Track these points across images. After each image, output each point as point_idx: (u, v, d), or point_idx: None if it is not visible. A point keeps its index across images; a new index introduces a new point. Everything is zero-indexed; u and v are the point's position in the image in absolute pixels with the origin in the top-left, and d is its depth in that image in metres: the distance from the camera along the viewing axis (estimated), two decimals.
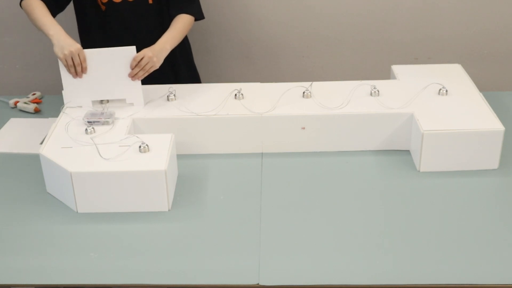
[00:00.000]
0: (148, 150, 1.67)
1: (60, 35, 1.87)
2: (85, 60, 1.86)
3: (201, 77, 2.48)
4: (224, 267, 1.46)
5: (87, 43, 2.23)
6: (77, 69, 1.86)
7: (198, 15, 2.16)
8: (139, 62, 1.88)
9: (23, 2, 2.01)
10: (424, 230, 1.56)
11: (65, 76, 1.88)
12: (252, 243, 1.53)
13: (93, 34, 2.18)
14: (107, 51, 1.86)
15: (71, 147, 1.70)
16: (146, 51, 1.90)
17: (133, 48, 1.85)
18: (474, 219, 1.59)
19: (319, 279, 1.42)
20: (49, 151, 1.69)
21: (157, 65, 1.92)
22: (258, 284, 1.42)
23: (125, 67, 1.87)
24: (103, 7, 2.11)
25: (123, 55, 1.86)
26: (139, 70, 1.89)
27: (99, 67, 1.87)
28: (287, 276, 1.43)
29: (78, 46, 1.85)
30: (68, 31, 1.91)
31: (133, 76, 1.89)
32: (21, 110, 2.18)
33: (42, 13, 1.95)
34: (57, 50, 1.85)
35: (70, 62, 1.85)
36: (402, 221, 1.59)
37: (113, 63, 1.87)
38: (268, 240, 1.54)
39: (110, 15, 2.12)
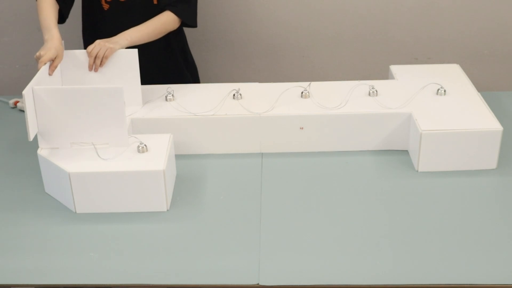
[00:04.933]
0: (147, 150, 1.68)
1: (52, 41, 1.83)
2: (55, 59, 1.80)
3: (201, 77, 2.48)
4: (224, 267, 1.46)
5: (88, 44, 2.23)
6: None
7: (188, 20, 2.05)
8: (91, 52, 1.85)
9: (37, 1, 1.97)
10: (423, 230, 1.56)
11: (42, 116, 1.67)
12: (252, 243, 1.53)
13: (94, 35, 2.16)
14: (92, 90, 1.65)
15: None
16: (97, 41, 1.88)
17: (121, 88, 1.63)
18: (472, 219, 1.59)
19: (319, 279, 1.42)
20: (47, 151, 1.69)
21: (115, 46, 1.87)
22: (258, 284, 1.42)
23: (110, 108, 1.65)
24: (106, 6, 2.08)
25: (108, 95, 1.64)
26: (95, 59, 1.85)
27: (80, 107, 1.66)
28: (287, 276, 1.43)
29: (52, 53, 1.78)
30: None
31: (94, 68, 1.87)
32: (21, 110, 2.18)
33: (45, 15, 1.90)
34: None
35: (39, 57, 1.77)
36: (401, 221, 1.59)
37: (97, 103, 1.65)
38: (268, 240, 1.54)
39: (113, 15, 2.08)
